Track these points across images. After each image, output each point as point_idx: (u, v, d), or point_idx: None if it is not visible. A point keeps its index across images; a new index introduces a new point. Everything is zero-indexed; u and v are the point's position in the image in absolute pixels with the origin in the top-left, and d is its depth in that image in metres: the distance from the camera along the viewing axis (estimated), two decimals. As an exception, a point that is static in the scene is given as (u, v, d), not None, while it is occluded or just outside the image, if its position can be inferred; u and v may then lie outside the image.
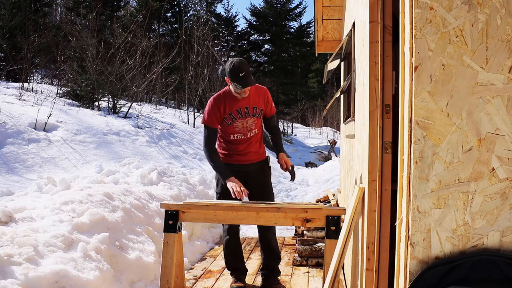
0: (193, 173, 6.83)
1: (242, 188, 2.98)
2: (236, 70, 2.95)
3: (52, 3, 19.57)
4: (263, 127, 3.41)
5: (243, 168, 3.22)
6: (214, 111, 3.10)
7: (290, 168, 3.18)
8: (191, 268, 3.92)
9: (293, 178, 3.22)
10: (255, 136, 3.25)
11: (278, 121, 3.48)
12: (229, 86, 3.11)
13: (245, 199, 3.01)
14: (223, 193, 3.21)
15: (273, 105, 3.32)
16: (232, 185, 3.00)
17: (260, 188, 3.26)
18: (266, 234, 3.31)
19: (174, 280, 2.92)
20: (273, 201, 3.30)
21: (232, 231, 3.32)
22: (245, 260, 3.61)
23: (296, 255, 4.08)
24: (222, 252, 3.47)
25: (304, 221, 2.84)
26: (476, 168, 1.50)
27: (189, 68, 13.73)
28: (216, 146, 3.23)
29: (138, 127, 9.54)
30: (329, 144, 16.32)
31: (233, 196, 3.00)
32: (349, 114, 3.91)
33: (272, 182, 3.45)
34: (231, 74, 2.97)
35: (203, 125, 3.19)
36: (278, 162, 3.21)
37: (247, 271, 3.49)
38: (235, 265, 3.42)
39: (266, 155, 3.38)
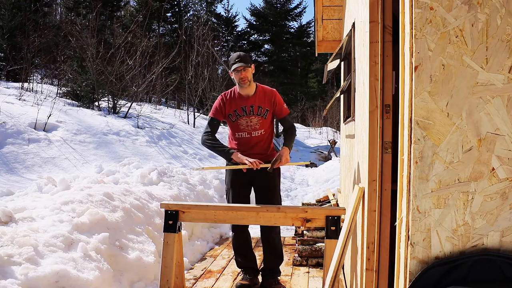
0: (193, 173, 6.83)
1: (252, 160, 2.96)
2: (234, 56, 3.15)
3: (52, 3, 19.58)
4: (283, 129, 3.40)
5: (247, 169, 3.21)
6: (220, 105, 3.24)
7: (275, 160, 3.02)
8: (191, 268, 3.92)
9: (270, 169, 3.03)
10: (261, 137, 3.24)
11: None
12: (233, 79, 3.23)
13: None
14: (233, 186, 3.25)
15: (285, 106, 3.30)
16: (242, 157, 3.00)
17: (264, 191, 3.25)
18: (269, 234, 3.30)
19: (174, 280, 2.92)
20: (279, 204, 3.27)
21: (237, 228, 3.32)
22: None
23: (296, 255, 4.08)
24: (223, 252, 3.46)
25: (304, 221, 2.84)
26: (476, 168, 1.50)
27: (189, 68, 13.74)
28: (227, 144, 3.30)
29: (138, 127, 9.54)
30: (329, 144, 16.32)
31: (250, 165, 2.94)
32: (349, 114, 3.91)
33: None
34: (230, 62, 3.16)
35: (208, 119, 3.29)
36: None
37: (259, 272, 3.46)
38: (244, 264, 3.41)
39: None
